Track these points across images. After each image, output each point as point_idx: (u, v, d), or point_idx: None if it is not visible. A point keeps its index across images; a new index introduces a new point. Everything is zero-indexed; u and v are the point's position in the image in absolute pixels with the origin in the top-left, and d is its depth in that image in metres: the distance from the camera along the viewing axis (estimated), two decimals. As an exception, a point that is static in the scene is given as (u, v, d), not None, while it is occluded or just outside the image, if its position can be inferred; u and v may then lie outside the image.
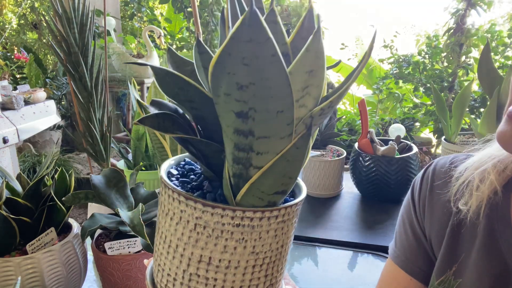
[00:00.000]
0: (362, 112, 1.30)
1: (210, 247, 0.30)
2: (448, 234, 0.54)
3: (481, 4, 2.05)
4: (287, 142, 0.28)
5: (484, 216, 0.50)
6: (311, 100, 0.28)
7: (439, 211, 0.55)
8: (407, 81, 2.48)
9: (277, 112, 0.26)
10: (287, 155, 0.28)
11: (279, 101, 0.26)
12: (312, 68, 0.27)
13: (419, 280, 0.59)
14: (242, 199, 0.30)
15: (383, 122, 2.60)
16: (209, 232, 0.30)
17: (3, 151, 1.78)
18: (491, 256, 0.48)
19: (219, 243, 0.30)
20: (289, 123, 0.27)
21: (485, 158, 0.52)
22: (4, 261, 0.66)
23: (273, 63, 0.24)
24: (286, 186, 0.30)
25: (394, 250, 0.62)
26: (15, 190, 0.74)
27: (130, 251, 0.72)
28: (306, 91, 0.27)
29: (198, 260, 0.31)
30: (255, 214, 0.30)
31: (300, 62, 0.26)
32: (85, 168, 3.01)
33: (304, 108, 0.28)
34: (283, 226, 0.31)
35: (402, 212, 0.62)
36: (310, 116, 0.28)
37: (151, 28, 3.01)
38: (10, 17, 4.66)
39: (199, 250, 0.31)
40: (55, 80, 3.24)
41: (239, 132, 0.28)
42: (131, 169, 1.23)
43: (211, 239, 0.30)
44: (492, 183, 0.49)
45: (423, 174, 0.60)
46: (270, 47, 0.24)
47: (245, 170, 0.29)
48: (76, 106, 0.92)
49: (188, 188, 0.34)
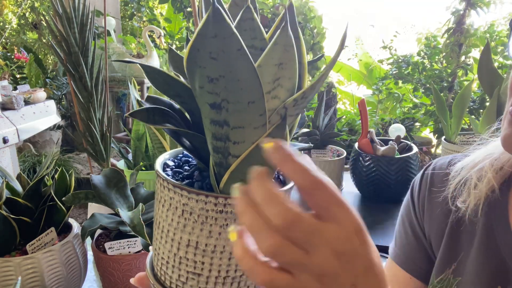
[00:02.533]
0: (362, 112, 1.30)
1: (197, 232, 0.32)
2: (447, 233, 0.54)
3: (480, 5, 2.05)
4: (262, 132, 0.29)
5: (483, 214, 0.50)
6: (283, 91, 0.29)
7: (438, 210, 0.56)
8: (406, 82, 2.48)
9: (248, 103, 0.27)
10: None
11: (249, 92, 0.27)
12: (281, 61, 0.27)
13: (418, 278, 0.59)
14: (225, 187, 0.31)
15: (383, 122, 2.60)
16: (195, 218, 0.32)
17: (3, 151, 1.78)
18: (489, 254, 0.49)
19: (205, 228, 0.32)
20: (261, 114, 0.28)
21: (481, 157, 0.52)
22: (4, 261, 0.66)
23: (239, 57, 0.25)
24: None
25: (394, 249, 0.63)
26: (15, 190, 0.74)
27: (130, 251, 0.72)
28: (277, 83, 0.28)
29: (186, 244, 0.32)
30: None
31: (268, 55, 0.27)
32: (85, 168, 3.01)
33: (277, 100, 0.29)
34: None
35: (402, 212, 0.63)
36: (284, 107, 0.29)
37: (151, 28, 3.01)
38: (10, 17, 4.66)
39: (187, 235, 0.32)
40: (55, 80, 3.24)
41: (215, 123, 0.29)
42: (131, 169, 1.23)
43: (197, 225, 0.32)
44: (489, 181, 0.49)
45: (422, 174, 0.60)
46: (235, 41, 0.25)
47: (224, 159, 0.31)
48: (76, 106, 0.92)
49: (179, 178, 0.36)
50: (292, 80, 0.29)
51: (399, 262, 0.61)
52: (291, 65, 0.28)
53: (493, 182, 0.49)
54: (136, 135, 1.26)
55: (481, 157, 0.52)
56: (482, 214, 0.50)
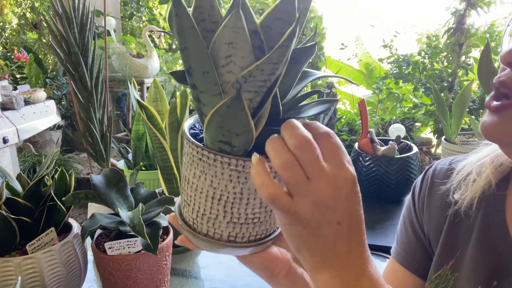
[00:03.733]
0: (362, 112, 1.30)
1: (188, 171, 0.40)
2: (446, 229, 0.55)
3: (480, 4, 2.05)
4: (219, 99, 0.34)
5: (481, 210, 0.51)
6: (236, 68, 0.33)
7: (437, 208, 0.57)
8: (407, 81, 2.48)
9: (203, 72, 0.33)
10: (220, 110, 0.33)
11: (202, 63, 0.32)
12: (231, 41, 0.32)
13: (418, 275, 0.60)
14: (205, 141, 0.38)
15: (383, 122, 2.60)
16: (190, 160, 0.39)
17: (3, 151, 1.78)
18: (486, 250, 0.50)
19: (192, 169, 0.39)
20: (215, 83, 0.33)
21: (483, 155, 0.53)
22: (4, 261, 0.66)
23: (192, 34, 0.31)
24: (228, 138, 0.36)
25: (395, 248, 0.65)
26: (15, 190, 0.74)
27: (130, 251, 0.72)
28: (230, 59, 0.33)
29: (184, 179, 0.41)
30: (209, 154, 0.37)
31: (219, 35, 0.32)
32: (85, 168, 3.01)
33: (232, 74, 0.33)
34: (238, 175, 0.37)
35: (404, 212, 0.65)
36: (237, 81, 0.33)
37: (151, 28, 3.01)
38: (10, 17, 4.66)
39: (185, 172, 0.40)
40: (55, 80, 3.24)
41: (191, 86, 0.36)
42: (131, 169, 1.23)
43: (189, 165, 0.39)
44: (487, 176, 0.50)
45: (424, 174, 0.62)
46: (189, 20, 0.30)
47: (201, 117, 0.38)
48: (76, 106, 0.92)
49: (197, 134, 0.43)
50: (246, 59, 0.33)
51: (399, 260, 0.63)
52: (243, 46, 0.32)
53: (491, 177, 0.50)
54: (136, 135, 1.26)
55: (484, 155, 0.53)
56: (478, 208, 0.51)
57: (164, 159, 1.01)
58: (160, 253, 0.74)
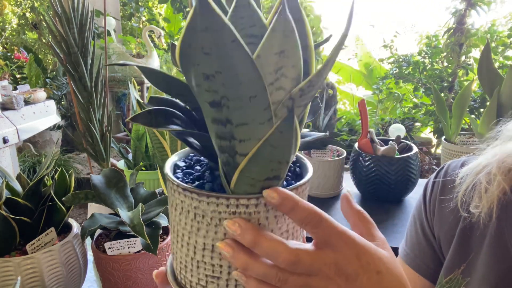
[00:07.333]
0: (362, 112, 1.30)
1: (211, 235, 0.31)
2: (458, 235, 0.54)
3: (480, 4, 2.05)
4: (268, 127, 0.27)
5: (495, 217, 0.50)
6: (288, 81, 0.27)
7: (449, 213, 0.56)
8: (407, 81, 2.48)
9: (250, 97, 0.26)
10: (271, 141, 0.27)
11: (249, 86, 0.25)
12: (282, 49, 0.26)
13: (426, 278, 0.60)
14: (236, 186, 0.30)
15: (383, 122, 2.60)
16: (208, 221, 0.31)
17: (3, 151, 1.78)
18: (499, 256, 0.49)
19: (219, 231, 0.31)
20: (265, 108, 0.26)
21: (484, 161, 0.52)
22: (4, 261, 0.66)
23: (235, 49, 0.23)
24: (277, 172, 0.29)
25: (404, 248, 0.64)
26: (15, 190, 0.74)
27: (130, 251, 0.72)
28: (280, 72, 0.26)
29: (202, 248, 0.32)
30: (249, 201, 0.30)
31: (267, 44, 0.25)
32: (85, 168, 3.01)
33: (282, 91, 0.27)
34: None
35: (414, 212, 0.64)
36: (290, 98, 0.27)
37: (151, 28, 3.01)
38: (10, 17, 4.66)
39: (201, 239, 0.31)
40: (55, 80, 3.24)
41: (217, 121, 0.28)
42: (131, 169, 1.23)
43: (211, 227, 0.31)
44: (500, 183, 0.49)
45: (436, 176, 0.61)
46: (227, 33, 0.23)
47: (231, 158, 0.29)
48: (76, 106, 0.92)
49: (189, 179, 0.34)
50: (296, 68, 0.27)
51: (408, 261, 0.62)
52: (294, 52, 0.26)
53: (503, 184, 0.49)
54: (136, 135, 1.26)
55: (485, 161, 0.52)
56: (495, 217, 0.50)
57: (164, 159, 1.01)
58: (160, 253, 0.74)
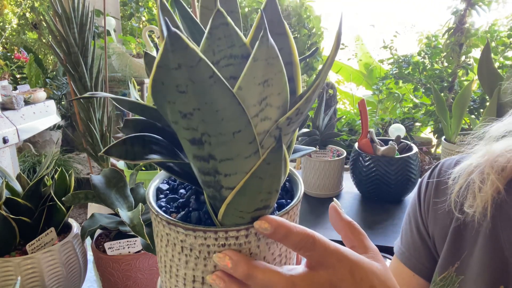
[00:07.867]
0: (362, 112, 1.30)
1: (201, 268, 0.30)
2: (451, 233, 0.54)
3: (480, 4, 2.05)
4: (255, 159, 0.25)
5: (490, 216, 0.50)
6: (274, 110, 0.25)
7: (443, 211, 0.56)
8: (407, 81, 2.48)
9: (233, 133, 0.24)
10: (258, 173, 0.25)
11: (232, 122, 0.23)
12: (266, 78, 0.24)
13: (421, 276, 0.60)
14: (223, 218, 0.28)
15: (383, 122, 2.60)
16: (196, 254, 0.29)
17: (3, 151, 1.78)
18: (493, 253, 0.49)
19: (209, 263, 0.29)
20: (251, 142, 0.24)
21: (475, 162, 0.52)
22: (4, 261, 0.66)
23: (213, 85, 0.21)
24: (267, 202, 0.28)
25: (399, 247, 0.64)
26: (15, 190, 0.74)
27: (130, 251, 0.72)
28: (265, 103, 0.24)
29: (192, 280, 0.30)
30: (239, 232, 0.28)
31: (249, 74, 0.23)
32: (85, 168, 3.01)
33: (268, 121, 0.25)
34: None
35: (409, 210, 0.64)
36: (277, 127, 0.25)
37: (151, 28, 3.01)
38: (10, 17, 4.66)
39: (191, 271, 0.30)
40: (55, 80, 3.24)
41: (199, 158, 0.26)
42: (131, 169, 1.23)
43: (199, 260, 0.29)
44: (493, 182, 0.49)
45: (430, 174, 0.61)
46: (204, 68, 0.21)
47: (217, 192, 0.28)
48: (76, 106, 0.92)
49: (174, 207, 0.33)
50: (282, 95, 0.25)
51: (403, 260, 0.62)
52: (279, 79, 0.24)
53: (497, 183, 0.49)
54: (136, 135, 1.26)
55: (475, 162, 0.52)
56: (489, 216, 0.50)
57: (164, 159, 1.01)
58: (160, 253, 0.74)
